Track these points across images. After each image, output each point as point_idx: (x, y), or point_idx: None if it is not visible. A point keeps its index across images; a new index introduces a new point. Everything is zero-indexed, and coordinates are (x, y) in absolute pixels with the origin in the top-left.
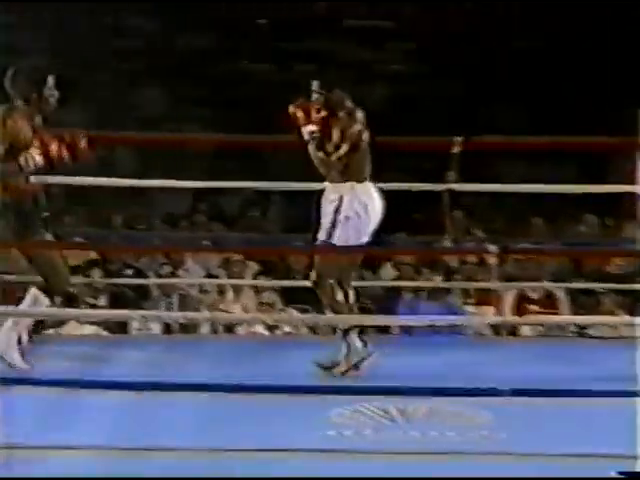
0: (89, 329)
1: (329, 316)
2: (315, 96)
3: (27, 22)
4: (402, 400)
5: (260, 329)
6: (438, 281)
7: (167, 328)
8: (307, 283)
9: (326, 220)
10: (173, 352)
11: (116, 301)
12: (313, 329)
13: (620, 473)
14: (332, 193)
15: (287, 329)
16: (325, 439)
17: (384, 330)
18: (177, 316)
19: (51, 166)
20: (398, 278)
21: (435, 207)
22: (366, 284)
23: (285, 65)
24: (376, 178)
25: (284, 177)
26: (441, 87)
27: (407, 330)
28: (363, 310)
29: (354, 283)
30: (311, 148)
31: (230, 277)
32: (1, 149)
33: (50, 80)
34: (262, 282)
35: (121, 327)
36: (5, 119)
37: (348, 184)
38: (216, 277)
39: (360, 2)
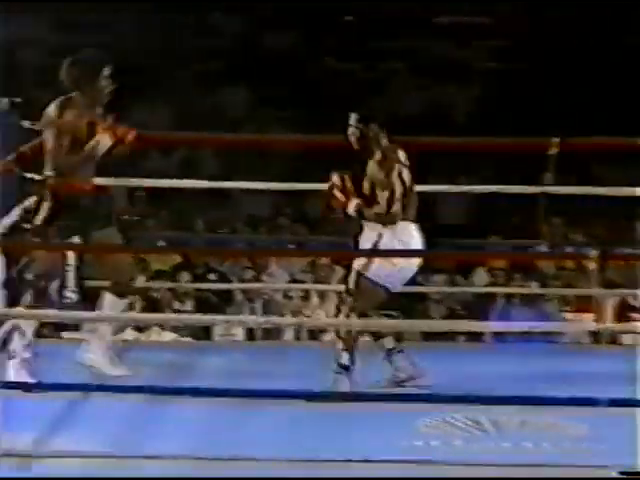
0: (169, 335)
1: (417, 322)
2: (351, 130)
3: (108, 20)
4: (493, 410)
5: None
6: (534, 287)
7: (250, 334)
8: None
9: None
10: (256, 359)
11: (201, 306)
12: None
13: (621, 473)
14: (371, 231)
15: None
16: (412, 449)
17: (476, 337)
18: (262, 321)
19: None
20: (491, 284)
21: (531, 211)
22: (457, 290)
23: (372, 64)
24: (469, 180)
25: None
26: (536, 86)
27: (500, 337)
28: (454, 316)
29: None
30: (367, 214)
31: (316, 282)
32: (66, 141)
33: (105, 71)
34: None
35: (204, 333)
36: (62, 111)
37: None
38: (301, 282)
39: None
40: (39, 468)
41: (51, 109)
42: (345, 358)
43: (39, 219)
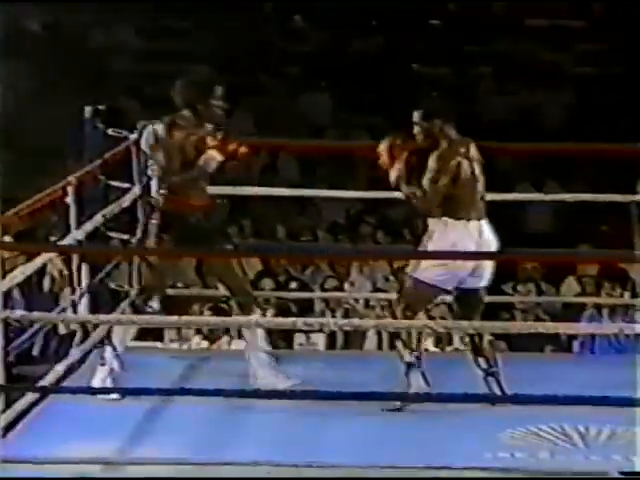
0: (240, 344)
1: (496, 323)
2: (417, 128)
3: (192, 25)
4: (581, 421)
5: (429, 345)
6: (626, 297)
7: (331, 343)
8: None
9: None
10: (336, 368)
11: (281, 315)
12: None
13: (621, 473)
14: (430, 228)
15: (457, 346)
16: (496, 461)
17: (565, 348)
18: (342, 324)
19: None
20: (582, 293)
21: (624, 219)
22: (542, 299)
23: (460, 68)
24: (563, 187)
25: None
26: (631, 91)
27: (591, 348)
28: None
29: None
30: (403, 189)
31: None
32: (176, 160)
33: (218, 90)
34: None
35: (285, 342)
36: (171, 130)
37: (442, 220)
38: (383, 291)
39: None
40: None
41: (160, 128)
42: (408, 356)
43: (151, 239)
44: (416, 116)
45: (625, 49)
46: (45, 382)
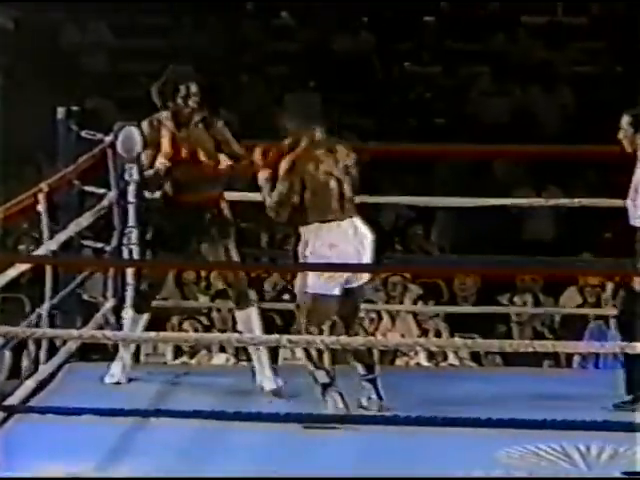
0: (220, 358)
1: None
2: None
3: (178, 24)
4: (582, 440)
5: (422, 360)
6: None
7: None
8: (473, 309)
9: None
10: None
11: (265, 328)
12: (479, 360)
13: (623, 473)
14: (304, 236)
15: (452, 361)
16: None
17: (565, 363)
18: (329, 342)
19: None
20: (584, 304)
21: (628, 226)
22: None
23: (454, 67)
24: (565, 192)
25: (451, 191)
26: (631, 91)
27: (595, 362)
28: (539, 340)
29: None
30: (263, 189)
31: (388, 301)
32: (161, 159)
33: (193, 87)
34: (422, 307)
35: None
36: (155, 130)
37: (314, 225)
38: (371, 302)
39: None
40: None
41: (145, 128)
42: (322, 377)
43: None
44: (285, 119)
45: (624, 47)
46: (14, 399)
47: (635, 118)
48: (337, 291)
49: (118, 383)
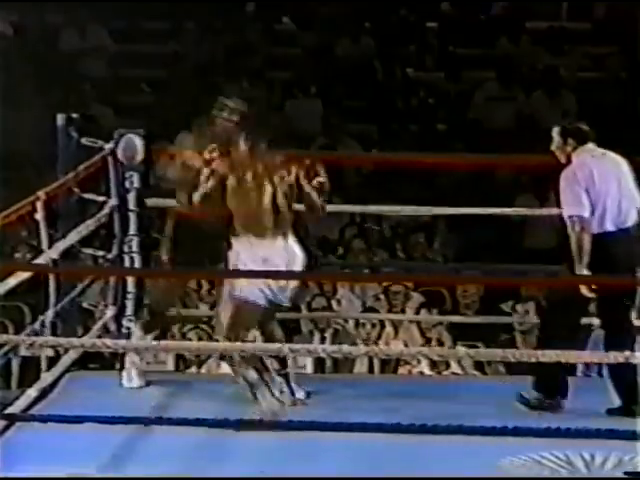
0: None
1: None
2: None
3: (179, 29)
4: (586, 449)
5: (425, 368)
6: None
7: (320, 366)
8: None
9: None
10: (325, 392)
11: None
12: (482, 369)
13: (625, 473)
14: (235, 247)
15: (455, 369)
16: None
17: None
18: (331, 350)
19: None
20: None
21: None
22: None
23: (456, 73)
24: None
25: (453, 200)
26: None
27: (598, 369)
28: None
29: None
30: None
31: (390, 310)
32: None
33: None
34: (425, 317)
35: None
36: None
37: (247, 238)
38: (373, 310)
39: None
40: None
41: (187, 141)
42: (251, 375)
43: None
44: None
45: (629, 53)
46: (15, 408)
47: (564, 128)
48: (263, 301)
49: (140, 387)
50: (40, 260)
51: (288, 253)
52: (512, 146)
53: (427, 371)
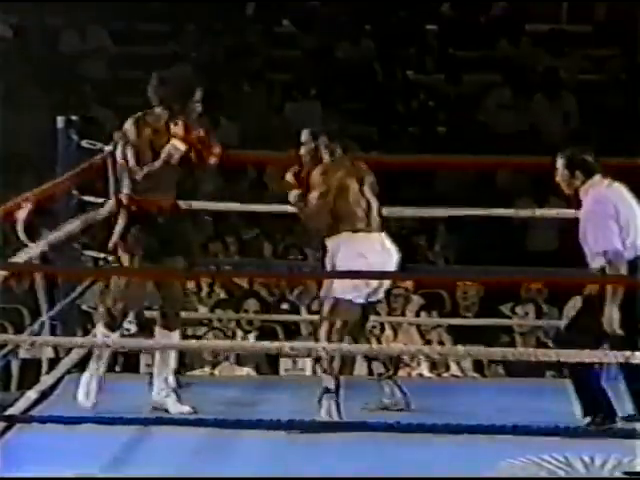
0: (241, 372)
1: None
2: (303, 149)
3: (179, 31)
4: (586, 451)
5: (424, 370)
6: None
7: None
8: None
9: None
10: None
11: (265, 339)
12: (481, 371)
13: (625, 473)
14: (331, 247)
15: (454, 371)
16: None
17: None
18: (331, 349)
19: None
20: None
21: None
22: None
23: (457, 75)
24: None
25: (454, 203)
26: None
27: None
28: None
29: None
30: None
31: (390, 312)
32: (146, 159)
33: (197, 93)
34: (425, 319)
35: (271, 367)
36: (141, 127)
37: (343, 234)
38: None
39: (546, 2)
40: None
41: (128, 126)
42: (328, 382)
43: (113, 240)
44: (304, 136)
45: (629, 55)
46: (15, 410)
47: (569, 159)
48: (362, 300)
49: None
50: (21, 257)
51: (383, 248)
52: (512, 147)
53: (427, 373)
